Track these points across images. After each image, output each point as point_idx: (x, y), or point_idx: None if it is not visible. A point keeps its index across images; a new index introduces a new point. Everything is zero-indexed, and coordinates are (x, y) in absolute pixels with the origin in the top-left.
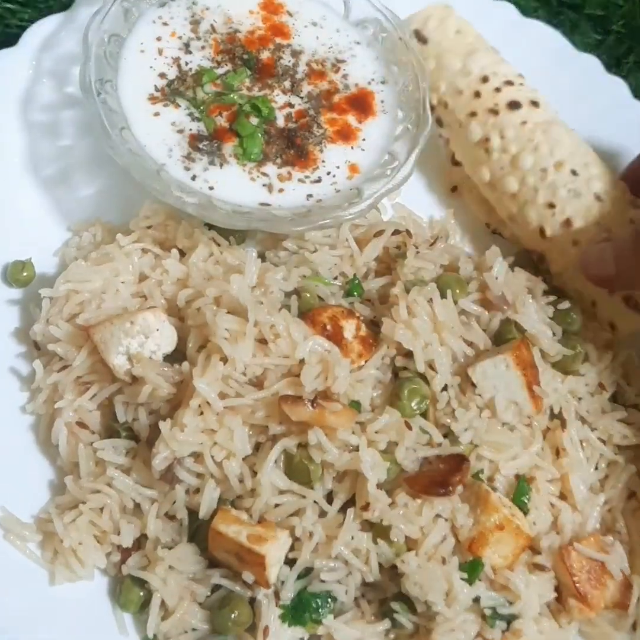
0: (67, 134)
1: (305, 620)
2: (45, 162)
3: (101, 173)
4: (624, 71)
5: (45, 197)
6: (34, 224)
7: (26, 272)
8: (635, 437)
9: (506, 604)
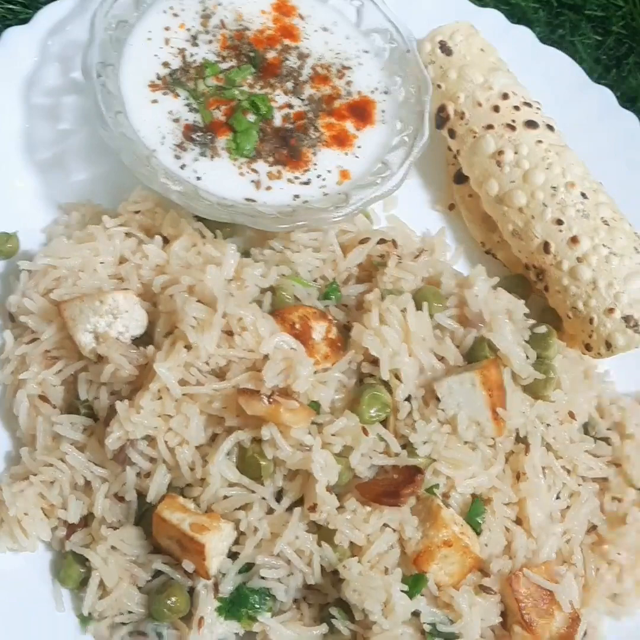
0: (67, 119)
1: (242, 615)
2: (42, 145)
3: (96, 160)
4: (624, 72)
5: (39, 178)
6: (24, 201)
7: (10, 244)
8: (602, 470)
9: (447, 622)
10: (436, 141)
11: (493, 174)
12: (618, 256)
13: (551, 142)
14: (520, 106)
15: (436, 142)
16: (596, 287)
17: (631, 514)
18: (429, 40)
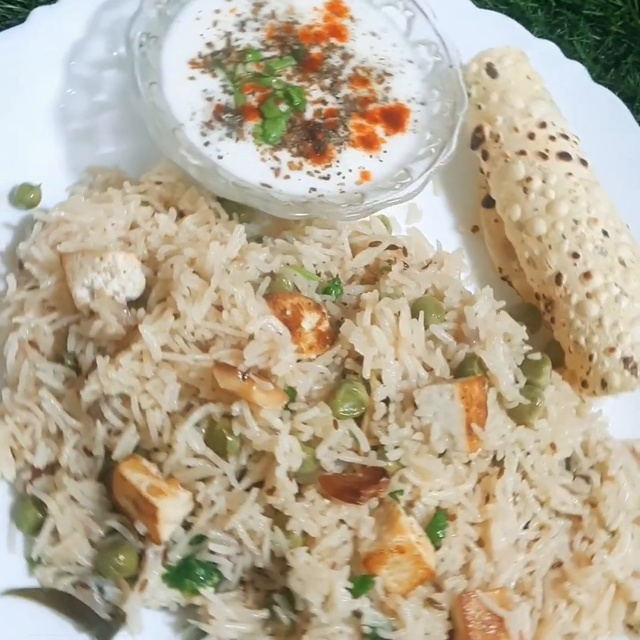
0: (105, 93)
1: (185, 585)
2: (77, 114)
3: (126, 136)
4: (622, 71)
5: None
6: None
7: (33, 196)
8: (575, 507)
9: (389, 629)
10: (470, 162)
11: (518, 199)
12: (629, 298)
13: (581, 177)
14: (556, 137)
15: (470, 163)
16: (601, 324)
17: (599, 556)
18: (476, 61)
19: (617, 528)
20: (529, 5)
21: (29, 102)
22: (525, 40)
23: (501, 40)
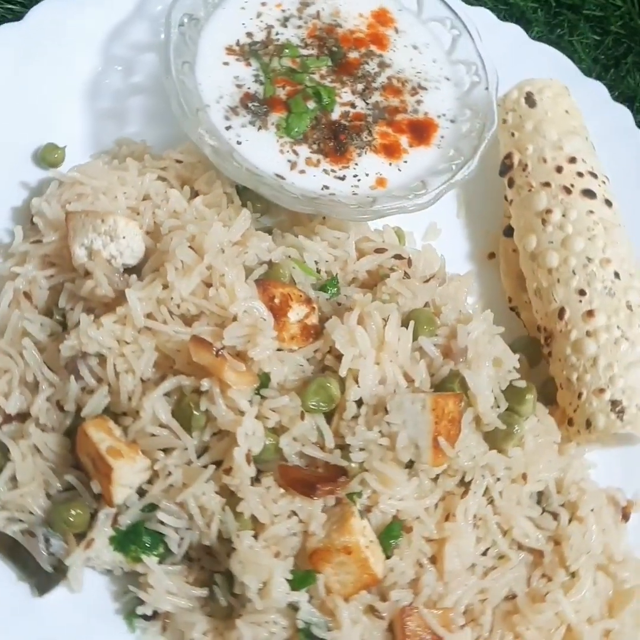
0: (141, 76)
1: (130, 551)
2: (110, 92)
3: (154, 121)
4: (622, 71)
5: (96, 121)
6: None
7: (57, 155)
8: (538, 542)
9: (324, 628)
10: (497, 190)
11: (535, 230)
12: (629, 342)
13: (603, 217)
14: (584, 174)
15: (497, 190)
16: (595, 364)
17: (553, 595)
18: (517, 89)
19: (577, 570)
20: (529, 5)
21: (67, 73)
22: (574, 78)
23: (549, 73)
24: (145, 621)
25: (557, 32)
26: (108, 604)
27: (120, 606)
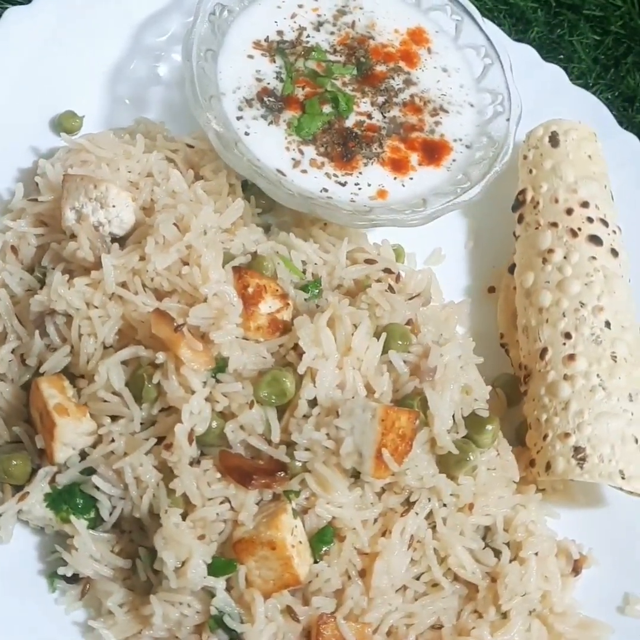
0: (165, 68)
1: (61, 510)
2: (133, 79)
3: (173, 116)
4: (622, 71)
5: (114, 105)
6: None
7: (74, 123)
8: (474, 575)
9: (237, 620)
10: (508, 227)
11: (534, 268)
12: (606, 392)
13: (605, 265)
14: (594, 220)
15: (507, 227)
16: (566, 408)
17: (479, 631)
18: (543, 127)
19: (509, 610)
20: (529, 5)
21: (95, 52)
22: (609, 129)
23: (584, 118)
24: (65, 583)
25: (557, 32)
26: (33, 563)
27: (44, 567)
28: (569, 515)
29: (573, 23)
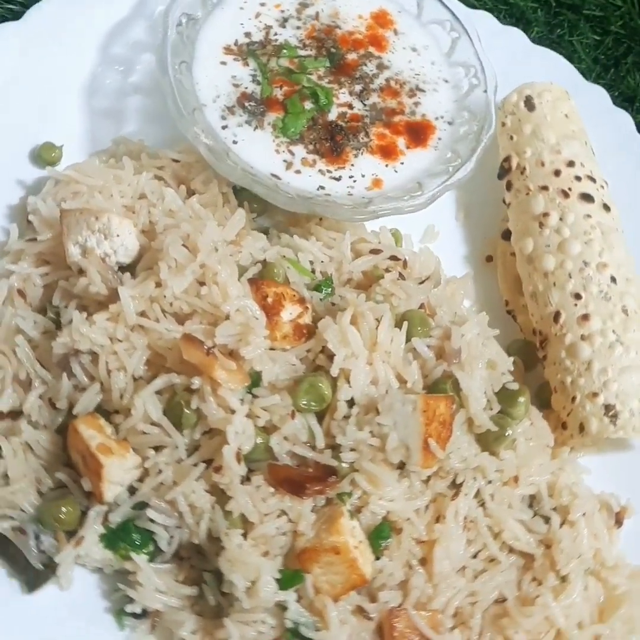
0: (139, 75)
1: (119, 548)
2: (108, 92)
3: (152, 120)
4: (622, 71)
5: (94, 120)
6: (77, 134)
7: (54, 154)
8: (529, 545)
9: (312, 628)
10: (495, 194)
11: (532, 233)
12: (624, 346)
13: (600, 221)
14: (582, 178)
15: (495, 194)
16: (589, 368)
17: (543, 599)
18: (517, 92)
19: (568, 574)
20: (529, 5)
21: (65, 72)
22: (575, 82)
23: (551, 77)
24: (134, 619)
25: (557, 32)
26: (98, 601)
27: (109, 604)
28: (599, 469)
29: (573, 23)
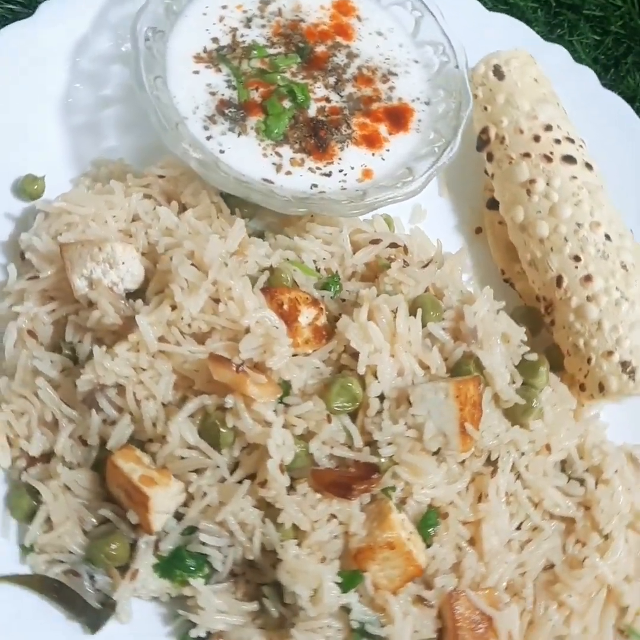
0: (110, 88)
1: (175, 576)
2: (81, 107)
3: (130, 130)
4: (622, 71)
5: (74, 138)
6: (57, 153)
7: (36, 187)
8: (569, 509)
9: (377, 625)
10: (476, 164)
11: (521, 201)
12: (629, 302)
13: (586, 180)
14: (561, 140)
15: (475, 165)
16: (600, 328)
17: (590, 559)
18: (484, 63)
19: (610, 532)
20: (529, 5)
21: (35, 95)
22: (535, 44)
23: (511, 43)
24: None
25: (557, 32)
26: (159, 628)
27: (171, 629)
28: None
29: (573, 23)
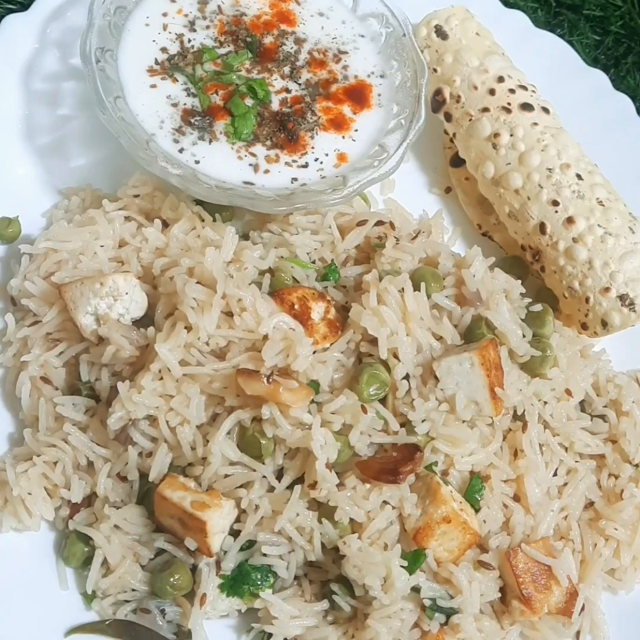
0: (66, 105)
1: (244, 592)
2: (42, 130)
3: (95, 145)
4: (622, 71)
5: (38, 164)
6: (25, 187)
7: (12, 229)
8: (598, 447)
9: (447, 597)
10: (432, 125)
11: (489, 156)
12: (613, 236)
13: (546, 125)
14: (515, 89)
15: (432, 126)
16: (592, 266)
17: (627, 490)
18: (424, 25)
19: None
20: (529, 5)
21: None
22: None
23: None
24: None
25: (557, 32)
26: None
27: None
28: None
29: (573, 23)
